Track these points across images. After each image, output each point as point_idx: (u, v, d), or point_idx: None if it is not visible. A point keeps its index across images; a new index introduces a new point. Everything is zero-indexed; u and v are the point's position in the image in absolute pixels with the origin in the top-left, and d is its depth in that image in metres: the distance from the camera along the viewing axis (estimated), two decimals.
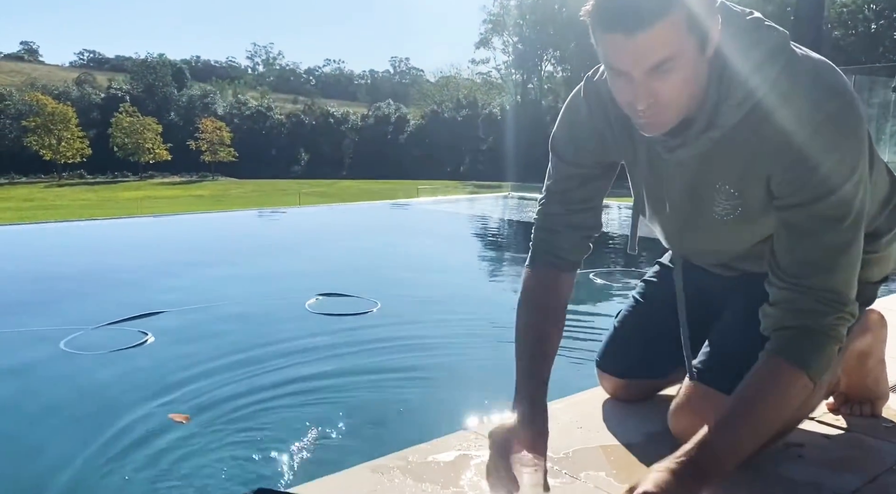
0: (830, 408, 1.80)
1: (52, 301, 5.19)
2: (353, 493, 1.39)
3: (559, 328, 1.58)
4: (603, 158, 1.55)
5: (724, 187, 1.39)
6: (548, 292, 1.58)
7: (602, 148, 1.53)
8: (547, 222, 1.62)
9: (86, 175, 56.92)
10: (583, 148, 1.54)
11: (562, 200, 1.59)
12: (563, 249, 1.59)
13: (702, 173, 1.41)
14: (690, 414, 1.50)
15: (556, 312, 1.58)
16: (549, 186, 1.62)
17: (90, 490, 2.28)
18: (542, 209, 1.64)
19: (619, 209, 13.93)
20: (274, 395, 3.04)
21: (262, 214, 14.38)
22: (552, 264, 1.60)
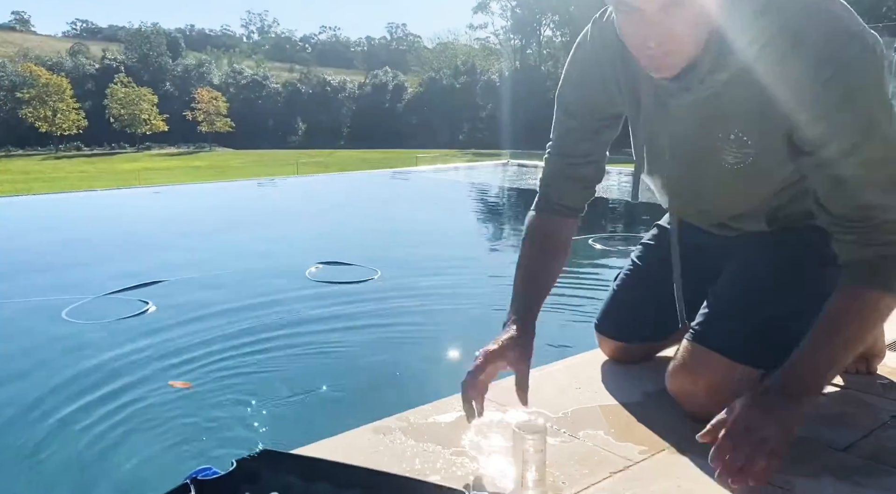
0: None
1: (53, 272, 5.21)
2: (355, 453, 1.41)
3: (558, 264, 1.64)
4: (607, 107, 1.54)
5: (736, 134, 1.35)
6: (550, 233, 1.65)
7: (606, 95, 1.51)
8: (550, 173, 1.65)
9: (83, 147, 56.58)
10: (586, 95, 1.53)
11: (563, 153, 1.61)
12: (564, 199, 1.64)
13: (710, 120, 1.37)
14: (687, 375, 1.51)
15: (556, 250, 1.64)
16: (553, 139, 1.63)
17: (95, 454, 2.32)
18: (546, 160, 1.67)
19: (619, 175, 13.90)
20: (275, 361, 3.07)
21: (261, 184, 14.35)
22: (554, 212, 1.65)
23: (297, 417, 2.48)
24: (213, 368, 2.99)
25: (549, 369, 1.89)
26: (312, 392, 2.68)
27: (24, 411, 2.64)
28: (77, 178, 18.94)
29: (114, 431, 2.42)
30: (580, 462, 1.36)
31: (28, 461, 2.26)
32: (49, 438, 2.41)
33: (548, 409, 1.61)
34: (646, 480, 1.29)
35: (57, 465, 2.21)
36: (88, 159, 34.10)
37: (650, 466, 1.34)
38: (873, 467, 1.32)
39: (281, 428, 2.39)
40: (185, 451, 2.28)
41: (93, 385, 2.88)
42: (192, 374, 2.94)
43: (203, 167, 23.30)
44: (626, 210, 9.61)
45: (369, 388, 2.81)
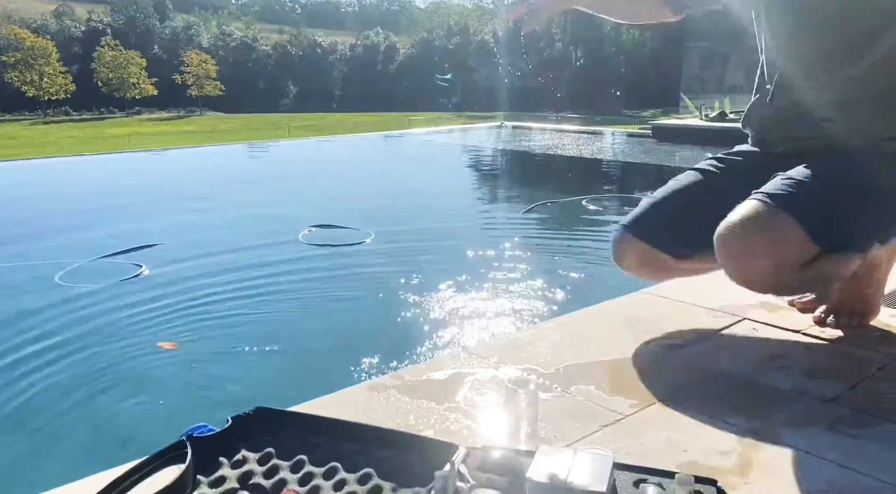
0: (816, 321, 1.83)
1: (45, 237, 5.19)
2: (350, 411, 1.42)
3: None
4: None
5: None
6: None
7: None
8: None
9: (71, 112, 55.79)
10: None
11: None
12: None
13: None
14: (745, 234, 1.42)
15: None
16: None
17: (91, 414, 2.34)
18: None
19: (613, 136, 13.84)
20: (271, 321, 3.08)
21: (253, 147, 14.24)
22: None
23: (291, 375, 2.50)
24: (206, 329, 3.00)
25: (541, 327, 1.91)
26: (305, 351, 2.70)
27: (20, 372, 2.65)
28: (66, 143, 18.74)
29: (109, 389, 2.44)
30: (572, 417, 1.38)
31: (23, 421, 2.28)
32: (42, 398, 2.43)
33: (540, 366, 1.62)
34: (636, 433, 1.31)
35: (53, 425, 2.24)
36: (77, 124, 33.66)
37: (641, 419, 1.36)
38: (860, 417, 1.34)
39: (274, 385, 2.41)
40: (179, 409, 2.30)
41: (84, 346, 2.90)
42: (184, 335, 2.95)
43: (194, 132, 23.07)
44: (620, 171, 9.59)
45: (364, 346, 2.83)
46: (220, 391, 2.42)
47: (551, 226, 5.54)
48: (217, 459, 1.08)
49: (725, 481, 1.09)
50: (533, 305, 3.16)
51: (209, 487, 1.03)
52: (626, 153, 11.45)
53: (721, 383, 1.50)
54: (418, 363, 1.68)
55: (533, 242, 4.91)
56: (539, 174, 9.86)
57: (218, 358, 2.70)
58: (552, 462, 0.97)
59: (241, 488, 1.03)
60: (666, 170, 9.41)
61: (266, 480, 1.05)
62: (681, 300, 2.04)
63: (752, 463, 1.19)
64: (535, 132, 15.53)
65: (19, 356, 2.84)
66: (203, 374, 2.57)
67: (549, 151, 11.88)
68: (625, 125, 16.58)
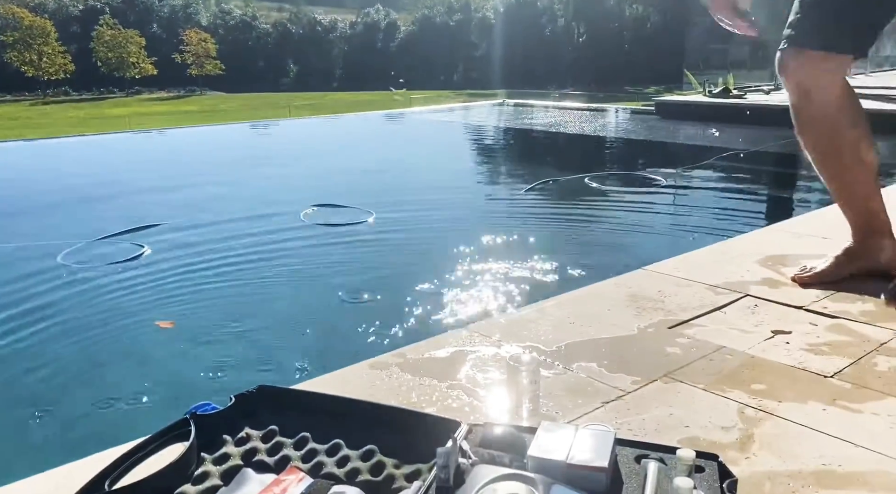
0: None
1: (47, 217, 5.19)
2: (352, 388, 1.43)
3: None
4: None
5: None
6: None
7: None
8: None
9: (71, 92, 55.49)
10: None
11: None
12: None
13: None
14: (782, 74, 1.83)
15: None
16: None
17: (92, 392, 2.35)
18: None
19: (616, 113, 13.75)
20: (271, 300, 3.09)
21: (254, 127, 14.18)
22: None
23: (293, 353, 2.51)
24: (208, 308, 3.01)
25: (543, 304, 1.91)
26: (308, 329, 2.71)
27: (23, 349, 2.67)
28: (67, 123, 18.67)
29: (114, 366, 2.46)
30: (573, 393, 1.38)
31: (26, 401, 2.30)
32: (47, 378, 2.45)
33: (542, 343, 1.63)
34: (638, 409, 1.31)
35: (55, 404, 2.25)
36: (77, 105, 33.49)
37: (642, 395, 1.36)
38: (861, 392, 1.35)
39: (276, 364, 2.43)
40: (181, 387, 2.31)
41: (86, 325, 2.91)
42: (186, 314, 2.96)
43: (194, 111, 22.95)
44: (623, 149, 9.55)
45: (366, 325, 2.84)
46: (223, 367, 2.44)
47: (553, 204, 5.52)
48: (221, 437, 1.09)
49: (726, 456, 1.09)
50: (535, 283, 3.16)
51: (213, 464, 1.03)
52: (630, 131, 11.38)
53: (722, 359, 1.51)
54: (420, 340, 1.68)
55: (535, 220, 4.90)
56: (541, 152, 9.82)
57: (220, 336, 2.71)
58: (554, 439, 0.97)
59: (244, 465, 1.04)
60: (670, 147, 9.37)
61: (270, 457, 1.05)
62: (682, 277, 2.04)
63: (753, 438, 1.19)
64: (537, 110, 15.44)
65: (24, 330, 2.86)
66: (204, 351, 2.59)
67: (552, 128, 11.82)
68: (628, 102, 16.47)
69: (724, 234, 2.42)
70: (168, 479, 0.97)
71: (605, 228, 4.50)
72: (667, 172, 6.18)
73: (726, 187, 5.92)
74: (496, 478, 0.88)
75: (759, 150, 7.47)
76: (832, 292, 1.86)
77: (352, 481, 1.00)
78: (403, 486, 0.97)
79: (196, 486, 0.98)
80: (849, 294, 1.84)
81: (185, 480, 0.99)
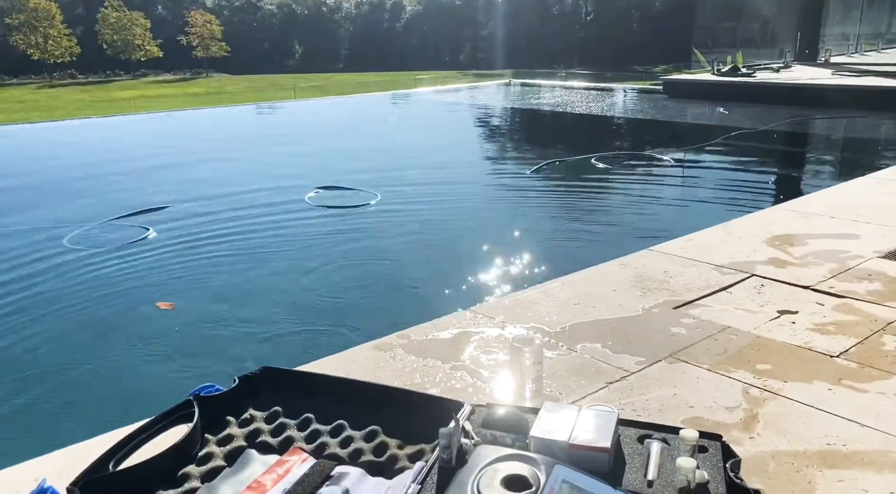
0: None
1: (55, 200, 5.20)
2: (356, 369, 1.43)
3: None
4: None
5: None
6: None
7: None
8: None
9: (77, 75, 55.50)
10: None
11: None
12: None
13: None
14: None
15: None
16: None
17: (104, 370, 2.37)
18: None
19: (624, 93, 13.63)
20: (276, 282, 3.09)
21: (259, 109, 14.14)
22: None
23: (298, 334, 2.52)
24: (214, 289, 3.02)
25: (547, 286, 1.90)
26: (313, 311, 2.71)
27: (33, 330, 2.68)
28: (74, 106, 18.66)
29: (120, 349, 2.47)
30: (577, 374, 1.38)
31: (31, 382, 2.31)
32: (55, 357, 2.46)
33: (546, 324, 1.62)
34: (642, 389, 1.31)
35: (64, 383, 2.27)
36: (84, 87, 33.47)
37: (646, 376, 1.36)
38: (867, 371, 1.34)
39: (281, 346, 2.43)
40: (187, 368, 2.33)
41: (94, 306, 2.92)
42: (192, 296, 2.97)
43: (200, 93, 22.88)
44: (630, 129, 9.47)
45: (368, 305, 2.84)
46: (227, 349, 2.45)
47: (559, 185, 5.49)
48: (224, 418, 1.09)
49: (731, 436, 1.09)
50: (539, 263, 3.15)
51: (217, 445, 1.04)
52: (637, 110, 11.27)
53: (727, 339, 1.50)
54: (423, 322, 1.68)
55: (540, 201, 4.88)
56: (548, 132, 9.75)
57: (226, 317, 2.72)
58: (556, 419, 0.97)
59: (248, 446, 1.04)
60: (677, 126, 9.28)
61: (273, 438, 1.06)
62: (688, 258, 2.03)
63: (757, 418, 1.19)
64: (544, 90, 15.32)
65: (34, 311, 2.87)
66: (210, 333, 2.60)
67: (558, 108, 11.72)
68: (636, 81, 16.31)
69: (731, 214, 2.40)
70: (172, 460, 0.98)
71: (610, 208, 4.47)
72: (674, 151, 6.14)
73: (733, 166, 5.86)
74: (498, 458, 0.88)
75: (768, 129, 7.39)
76: (840, 271, 1.84)
77: (355, 461, 1.00)
78: (406, 466, 0.97)
79: (200, 467, 0.99)
80: (856, 274, 1.83)
81: (189, 461, 1.00)
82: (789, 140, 7.15)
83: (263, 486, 0.93)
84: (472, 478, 0.84)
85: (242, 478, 0.97)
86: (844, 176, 4.26)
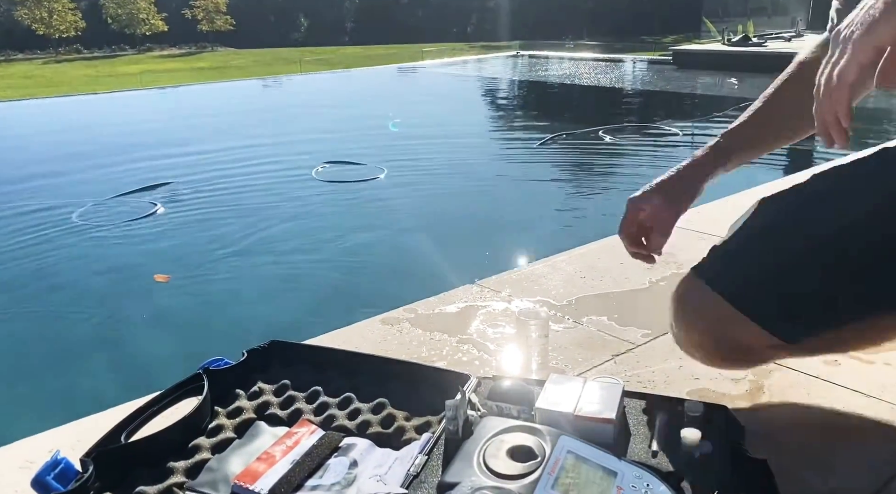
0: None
1: (64, 176, 5.22)
2: (363, 343, 1.44)
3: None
4: None
5: None
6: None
7: None
8: None
9: (83, 50, 55.24)
10: None
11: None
12: None
13: None
14: None
15: None
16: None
17: (110, 345, 2.40)
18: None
19: (633, 64, 13.49)
20: (285, 255, 3.11)
21: (266, 83, 14.08)
22: None
23: (305, 307, 2.54)
24: (221, 263, 3.04)
25: (554, 259, 1.90)
26: (320, 285, 2.73)
27: (45, 305, 2.72)
28: (81, 82, 18.63)
29: (128, 321, 2.50)
30: (583, 347, 1.39)
31: (45, 356, 2.35)
32: (69, 329, 2.50)
33: (552, 298, 1.63)
34: (648, 361, 1.32)
35: (73, 357, 2.30)
36: (89, 62, 33.34)
37: (652, 348, 1.37)
38: None
39: (290, 319, 2.46)
40: (195, 342, 2.35)
41: (103, 282, 2.95)
42: (199, 271, 2.99)
43: (206, 68, 22.78)
44: (639, 100, 9.39)
45: (378, 281, 2.86)
46: (236, 323, 2.48)
47: (567, 157, 5.47)
48: (234, 391, 1.10)
49: (736, 407, 1.10)
50: (546, 237, 3.15)
51: (227, 418, 1.05)
52: (646, 81, 11.18)
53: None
54: (430, 296, 1.69)
55: (548, 174, 4.86)
56: (556, 105, 9.68)
57: (235, 292, 2.75)
58: (562, 391, 0.98)
59: (257, 418, 1.06)
60: (686, 97, 9.19)
61: (282, 411, 1.07)
62: (696, 230, 2.02)
63: (763, 389, 1.19)
64: (552, 61, 15.18)
65: (44, 287, 2.91)
66: (218, 308, 2.62)
67: (566, 80, 11.63)
68: (645, 52, 16.12)
69: (739, 186, 2.39)
70: (183, 432, 0.99)
71: (618, 181, 4.46)
72: (682, 123, 6.09)
73: None
74: (504, 429, 0.89)
75: None
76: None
77: (363, 433, 1.01)
78: (413, 438, 0.98)
79: (210, 439, 1.00)
80: None
81: (200, 433, 1.01)
82: None
83: (273, 457, 0.94)
84: (478, 449, 0.85)
85: (252, 450, 0.98)
86: (855, 146, 4.22)
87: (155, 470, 0.92)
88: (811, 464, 0.99)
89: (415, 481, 0.86)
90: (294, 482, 0.89)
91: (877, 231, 0.99)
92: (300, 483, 0.89)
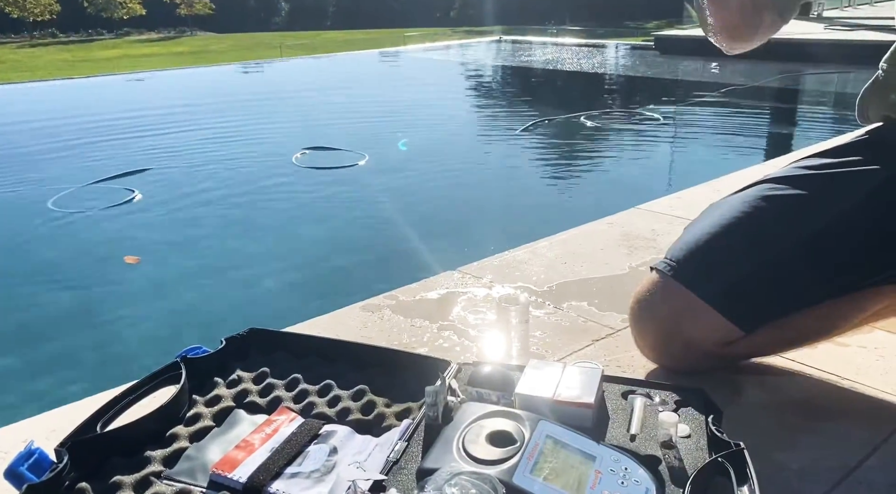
0: None
1: (38, 162, 5.14)
2: (344, 330, 1.44)
3: None
4: None
5: None
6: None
7: None
8: None
9: (58, 34, 54.23)
10: None
11: None
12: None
13: None
14: None
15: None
16: None
17: (89, 334, 2.38)
18: None
19: (616, 49, 13.49)
20: (264, 243, 3.09)
21: (245, 68, 13.93)
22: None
23: (285, 295, 2.53)
24: (200, 251, 3.02)
25: (535, 245, 1.91)
26: (300, 273, 2.72)
27: (18, 292, 2.68)
28: (55, 66, 18.32)
29: (107, 310, 2.47)
30: (563, 332, 1.39)
31: (22, 344, 2.32)
32: (43, 318, 2.47)
33: (533, 284, 1.63)
34: (627, 346, 1.32)
35: (51, 346, 2.27)
36: (65, 47, 32.77)
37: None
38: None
39: (269, 306, 2.44)
40: (173, 330, 2.34)
41: (81, 268, 2.92)
42: (178, 256, 2.97)
43: (185, 53, 22.49)
44: (621, 86, 9.40)
45: (357, 267, 2.85)
46: (214, 311, 2.46)
47: (549, 143, 5.47)
48: (212, 379, 1.10)
49: (713, 390, 1.10)
50: (527, 223, 3.16)
51: (205, 406, 1.04)
52: (628, 67, 11.19)
53: None
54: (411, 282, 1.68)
55: (529, 160, 4.86)
56: (538, 91, 9.67)
57: (213, 278, 2.73)
58: (541, 376, 0.98)
59: (236, 406, 1.05)
60: (668, 83, 9.22)
61: (261, 398, 1.06)
62: (676, 216, 2.03)
63: (740, 372, 1.21)
64: (535, 46, 15.13)
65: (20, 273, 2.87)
66: (196, 295, 2.60)
67: (549, 66, 11.61)
68: (627, 37, 16.12)
69: (720, 171, 2.41)
70: (160, 421, 0.98)
71: (599, 166, 4.47)
72: (663, 108, 6.11)
73: (723, 123, 5.85)
74: (484, 415, 0.89)
75: (759, 85, 7.35)
76: None
77: (343, 420, 1.01)
78: (393, 424, 0.98)
79: (188, 427, 0.99)
80: None
81: (178, 421, 1.00)
82: (780, 96, 7.12)
83: (252, 445, 0.94)
84: (458, 434, 0.85)
85: (231, 438, 0.98)
86: (836, 131, 4.27)
87: (132, 459, 0.91)
88: (784, 446, 1.00)
89: (395, 467, 0.86)
90: (273, 469, 0.89)
91: (828, 214, 1.04)
92: (279, 470, 0.89)
